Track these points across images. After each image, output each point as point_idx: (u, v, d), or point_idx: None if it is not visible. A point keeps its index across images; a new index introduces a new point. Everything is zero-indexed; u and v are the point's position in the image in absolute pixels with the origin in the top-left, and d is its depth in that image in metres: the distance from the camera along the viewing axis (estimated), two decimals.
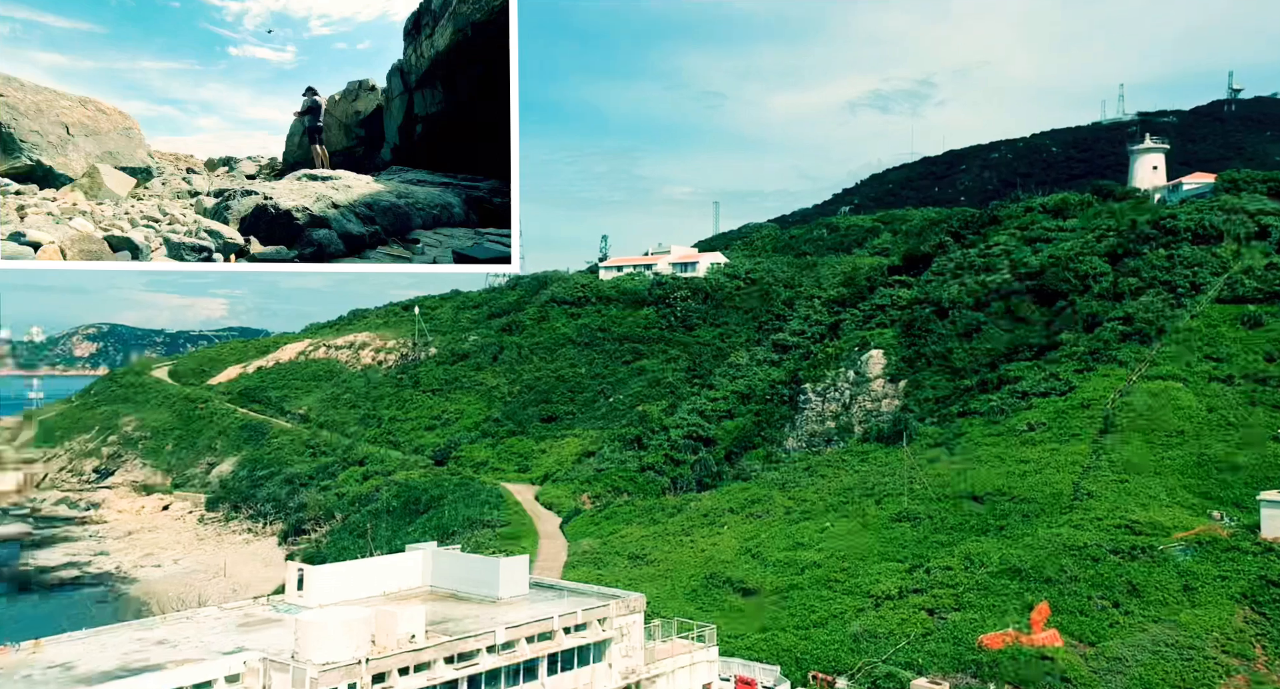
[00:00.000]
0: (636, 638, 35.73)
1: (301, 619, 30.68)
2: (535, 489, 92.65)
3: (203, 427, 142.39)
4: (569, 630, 33.35)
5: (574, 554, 67.79)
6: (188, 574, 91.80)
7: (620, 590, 38.41)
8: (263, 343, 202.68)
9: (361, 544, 74.63)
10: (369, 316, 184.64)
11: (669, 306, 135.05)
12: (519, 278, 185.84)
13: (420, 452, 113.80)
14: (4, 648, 34.90)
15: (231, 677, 30.33)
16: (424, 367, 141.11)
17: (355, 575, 38.79)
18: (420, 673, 29.73)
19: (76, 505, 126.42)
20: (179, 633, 36.30)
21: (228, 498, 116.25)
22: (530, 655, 32.06)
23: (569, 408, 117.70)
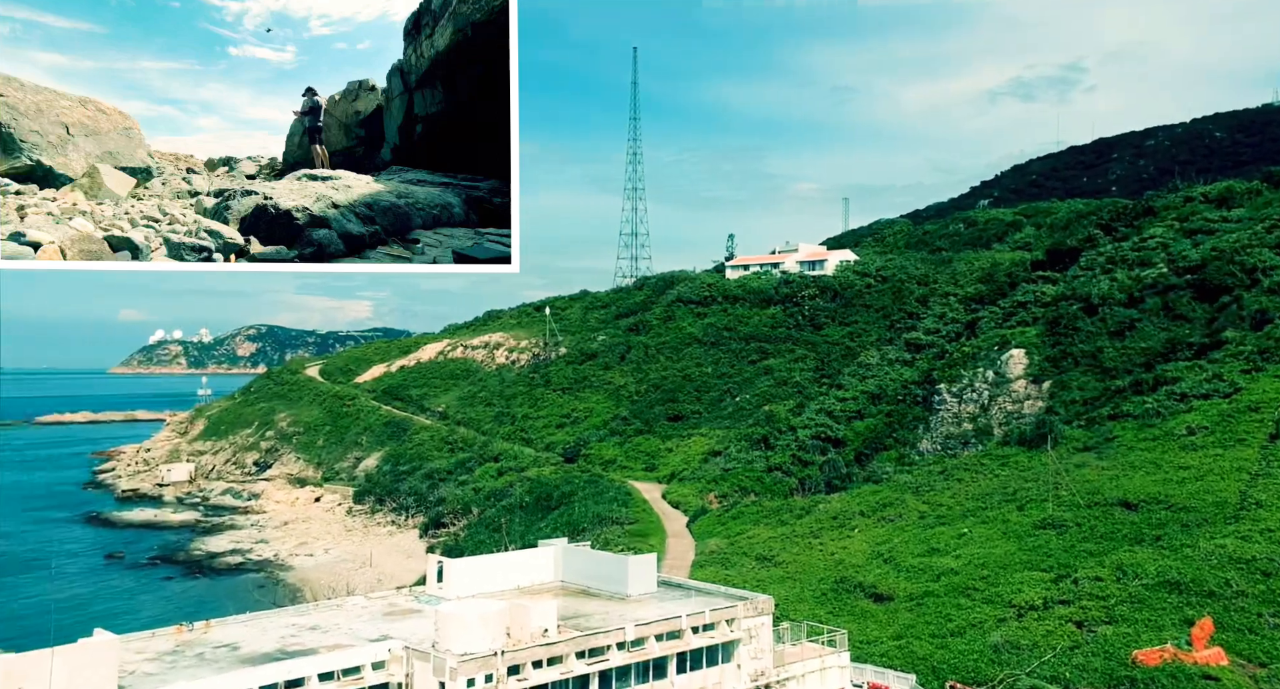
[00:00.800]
0: (765, 640, 35.44)
1: (441, 610, 31.96)
2: (662, 488, 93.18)
3: (350, 423, 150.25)
4: (697, 630, 33.41)
5: (701, 554, 67.80)
6: (337, 563, 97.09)
7: (748, 592, 38.18)
8: (405, 343, 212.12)
9: (497, 538, 77.02)
10: (503, 317, 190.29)
11: (796, 305, 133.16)
12: (645, 278, 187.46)
13: (551, 449, 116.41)
14: (180, 627, 37.95)
15: (378, 664, 31.87)
16: (554, 366, 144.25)
17: (491, 569, 40.06)
18: (553, 666, 30.42)
19: (240, 496, 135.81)
20: (330, 620, 38.45)
21: (373, 491, 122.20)
22: (659, 654, 32.29)
23: (695, 407, 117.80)
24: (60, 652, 29.00)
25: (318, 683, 31.25)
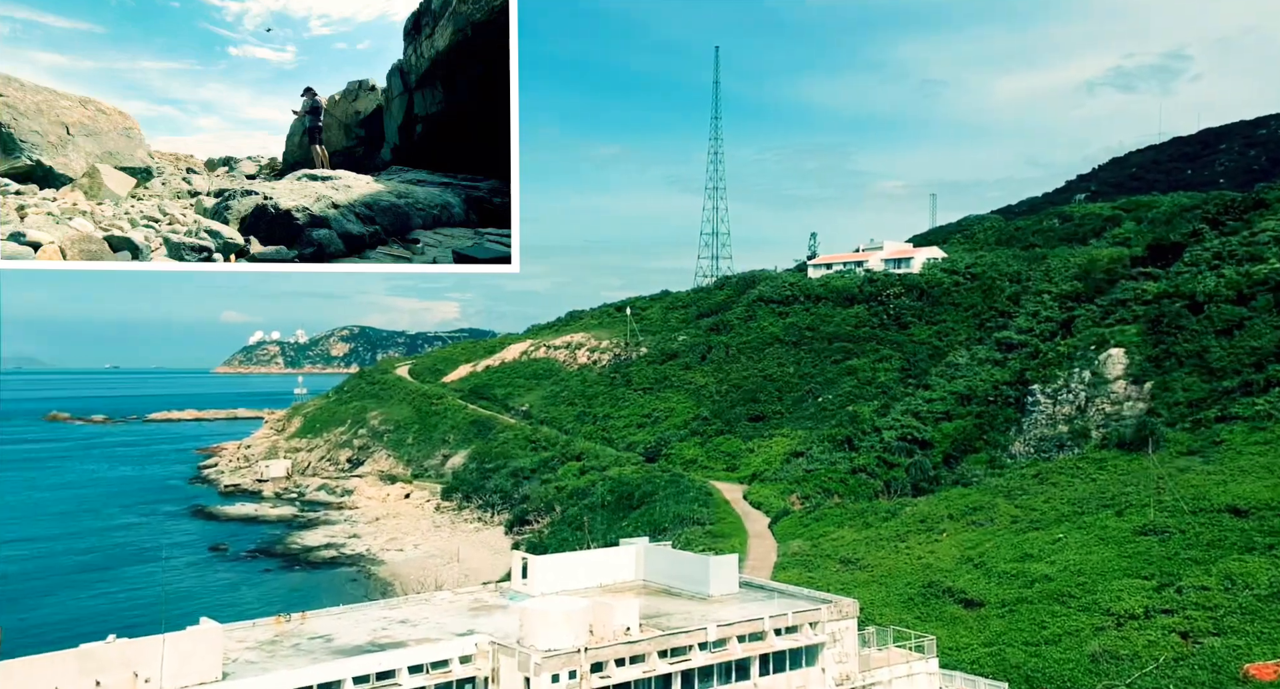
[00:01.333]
0: (850, 644, 34.92)
1: (526, 607, 32.48)
2: (743, 488, 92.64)
3: (438, 422, 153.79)
4: (780, 632, 33.13)
5: (783, 555, 67.17)
6: (426, 558, 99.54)
7: (832, 594, 37.68)
8: (490, 343, 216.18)
9: (579, 536, 77.79)
10: (584, 318, 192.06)
11: (881, 304, 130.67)
12: (726, 277, 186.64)
13: (632, 448, 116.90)
14: (279, 618, 39.52)
15: (465, 657, 32.57)
16: (635, 366, 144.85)
17: (574, 566, 40.50)
18: (635, 665, 30.59)
19: (334, 492, 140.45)
20: (419, 613, 39.47)
21: (460, 488, 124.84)
22: (742, 655, 32.15)
23: (777, 407, 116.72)
24: (170, 638, 30.54)
25: (407, 675, 32.12)
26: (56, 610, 79.41)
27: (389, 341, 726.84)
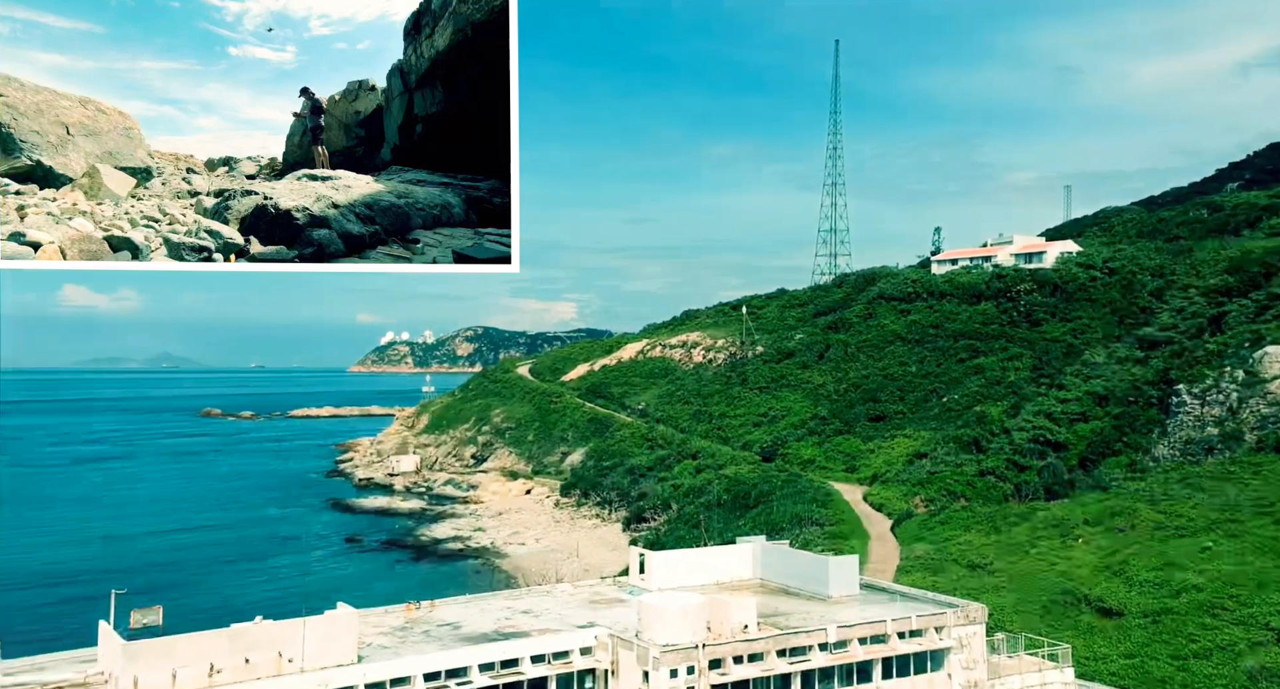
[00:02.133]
0: (978, 650, 33.72)
1: (644, 601, 32.80)
2: (863, 489, 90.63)
3: (557, 420, 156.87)
4: (904, 635, 32.31)
5: (907, 558, 65.39)
6: (547, 552, 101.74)
7: (959, 599, 36.46)
8: (607, 343, 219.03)
9: (696, 534, 77.87)
10: (700, 317, 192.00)
11: (1011, 301, 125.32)
12: (845, 275, 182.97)
13: (748, 448, 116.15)
14: (409, 605, 41.27)
15: (585, 649, 33.16)
16: (751, 364, 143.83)
17: (691, 563, 40.61)
18: (754, 663, 30.44)
19: (460, 486, 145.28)
20: (540, 605, 40.43)
21: (578, 485, 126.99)
22: (864, 657, 31.53)
23: (899, 407, 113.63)
24: (310, 621, 32.33)
25: (530, 664, 32.97)
26: (210, 592, 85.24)
27: (510, 342, 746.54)
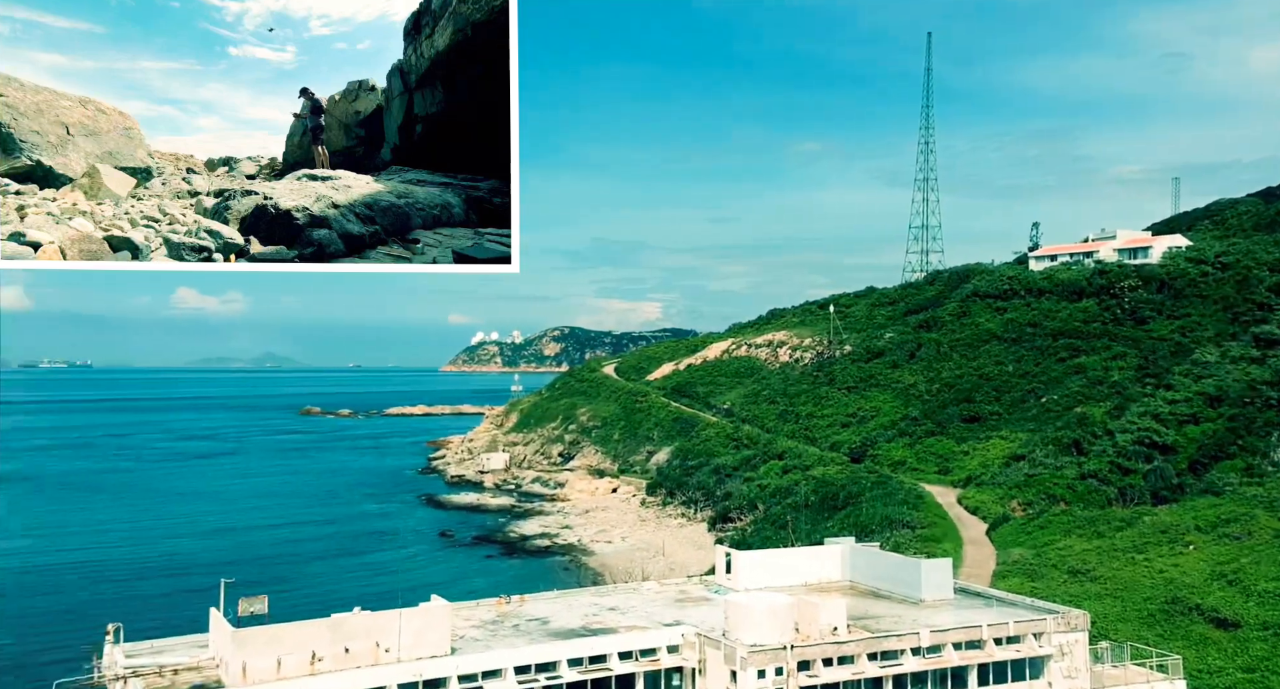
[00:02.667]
0: (1081, 658, 32.50)
1: (731, 601, 32.70)
2: (957, 492, 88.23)
3: (642, 419, 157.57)
4: (1000, 641, 31.39)
5: (1003, 563, 63.41)
6: (633, 550, 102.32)
7: (1059, 605, 35.19)
8: (691, 342, 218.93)
9: (783, 535, 77.13)
10: (786, 316, 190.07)
11: (1114, 297, 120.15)
12: (937, 272, 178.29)
13: (836, 448, 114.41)
14: (500, 600, 42.12)
15: (672, 647, 33.26)
16: (839, 364, 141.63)
17: (778, 563, 40.30)
18: (844, 666, 30.03)
19: (548, 484, 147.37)
20: (627, 602, 40.71)
21: (664, 484, 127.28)
22: (958, 662, 30.75)
23: (994, 408, 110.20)
24: (406, 613, 33.34)
25: (618, 661, 33.25)
26: (312, 583, 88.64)
27: (596, 341, 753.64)
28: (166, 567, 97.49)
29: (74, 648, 37.72)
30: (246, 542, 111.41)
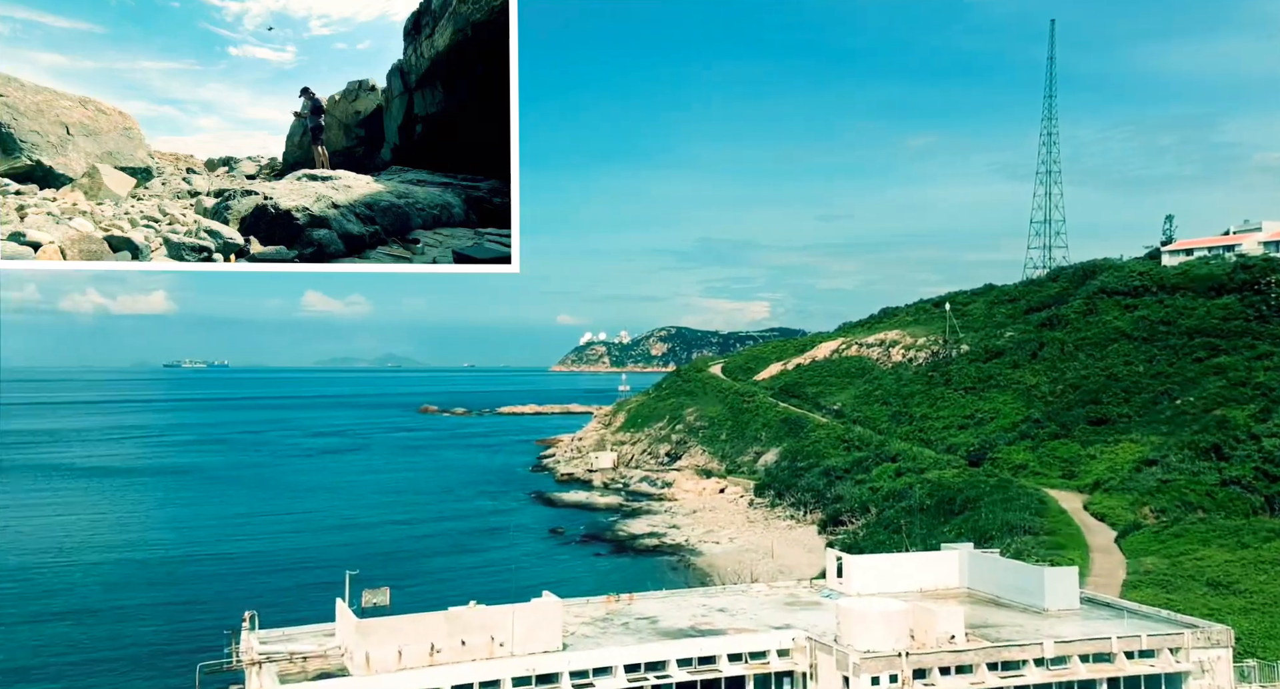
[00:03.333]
0: (1224, 676, 30.51)
1: (843, 605, 32.12)
2: (1083, 498, 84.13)
3: (750, 419, 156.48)
4: (1132, 655, 29.77)
5: (1134, 573, 60.09)
6: (741, 552, 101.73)
7: (1198, 619, 33.12)
8: (800, 342, 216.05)
9: (897, 539, 75.25)
10: (899, 315, 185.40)
11: (1259, 293, 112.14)
12: (1061, 268, 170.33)
13: (953, 451, 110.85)
14: (609, 597, 42.63)
15: (782, 651, 32.93)
16: (955, 364, 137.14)
17: (892, 568, 39.36)
18: (962, 675, 29.10)
19: (655, 483, 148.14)
20: (735, 604, 40.53)
21: (772, 485, 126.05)
22: (1085, 676, 29.34)
23: (1123, 410, 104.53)
24: (519, 608, 34.13)
25: (727, 663, 33.14)
26: (429, 576, 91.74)
27: (703, 341, 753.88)
28: (296, 557, 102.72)
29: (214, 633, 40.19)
30: (369, 535, 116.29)
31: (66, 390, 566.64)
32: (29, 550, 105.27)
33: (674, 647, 33.58)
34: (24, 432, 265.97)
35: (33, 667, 65.53)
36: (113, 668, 65.41)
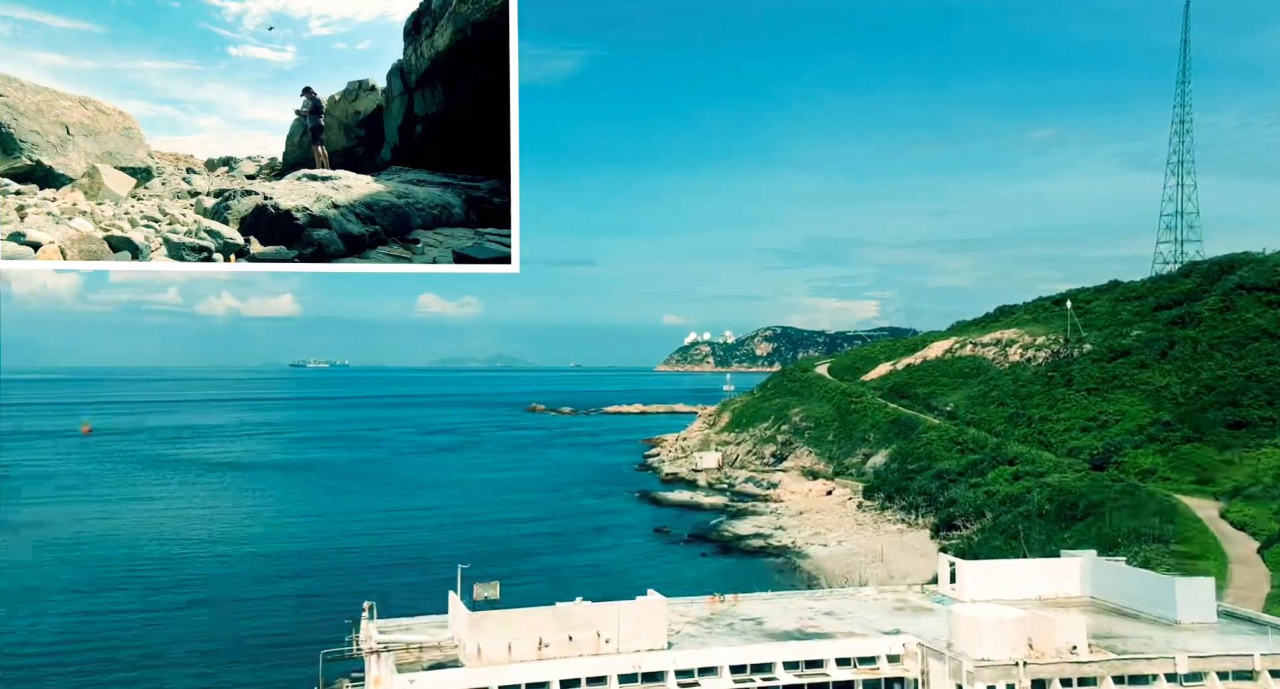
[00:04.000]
0: None
1: (956, 611, 31.17)
2: (1219, 505, 79.12)
3: (858, 420, 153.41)
4: (1277, 674, 27.84)
5: (1279, 586, 56.16)
6: (849, 555, 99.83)
7: None
8: (910, 341, 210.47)
9: (1014, 545, 72.48)
10: (1016, 313, 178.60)
11: None
12: (1194, 263, 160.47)
13: (1075, 454, 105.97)
14: (713, 598, 42.58)
15: (893, 656, 32.23)
16: (1078, 364, 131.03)
17: (1008, 575, 37.99)
18: (1085, 687, 27.84)
19: (760, 484, 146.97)
20: (843, 607, 39.86)
21: (882, 488, 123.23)
22: None
23: (1265, 413, 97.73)
24: (624, 606, 34.47)
25: (835, 667, 32.64)
26: (536, 572, 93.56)
27: (809, 341, 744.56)
28: (410, 551, 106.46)
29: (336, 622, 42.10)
30: (480, 530, 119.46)
31: (203, 389, 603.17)
32: (170, 541, 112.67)
33: (781, 649, 33.29)
34: (167, 428, 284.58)
35: (168, 653, 69.96)
36: (243, 655, 69.27)
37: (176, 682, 64.04)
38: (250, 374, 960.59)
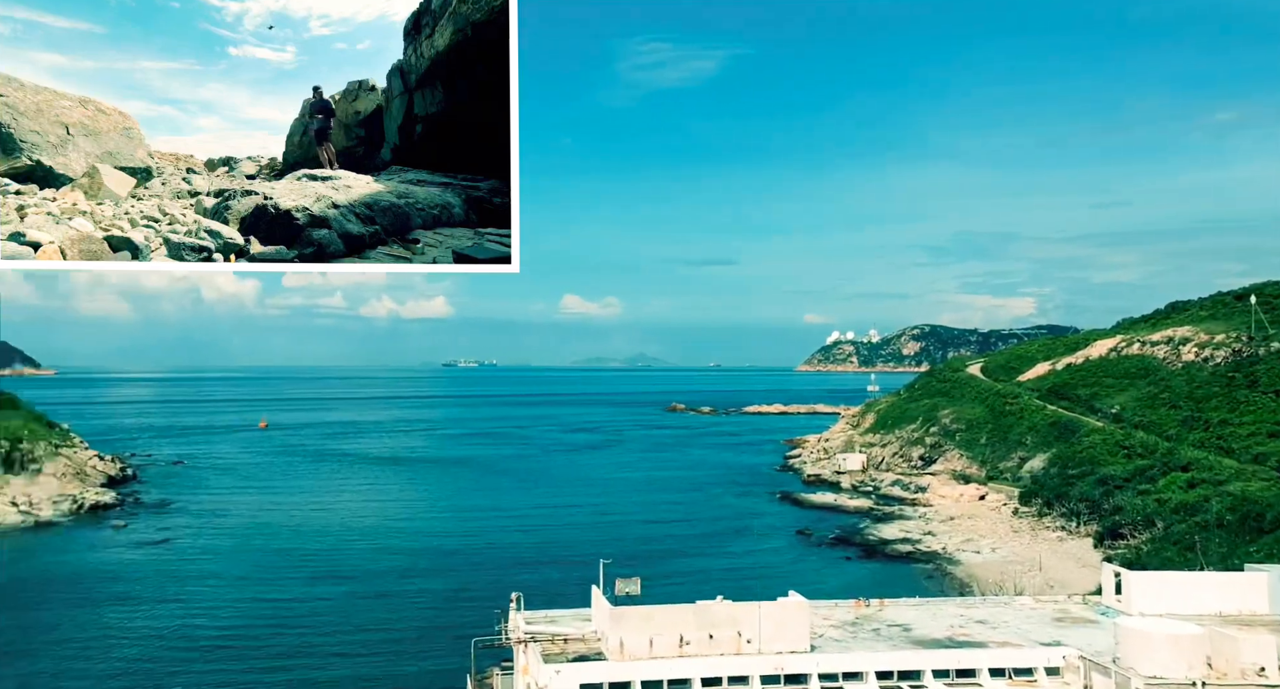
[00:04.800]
0: None
1: (1124, 625, 29.26)
2: None
3: (1013, 422, 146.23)
4: None
5: None
6: (1004, 563, 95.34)
7: None
8: (1071, 340, 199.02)
9: (1189, 557, 67.27)
10: (1190, 309, 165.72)
11: None
12: None
13: (1261, 461, 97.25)
14: (859, 602, 41.62)
15: (1051, 669, 30.64)
16: (1264, 363, 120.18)
17: (1183, 588, 35.32)
18: None
19: (907, 487, 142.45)
20: (997, 616, 38.15)
21: (1040, 493, 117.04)
22: None
23: None
24: (765, 607, 34.20)
25: (988, 677, 31.31)
26: (677, 569, 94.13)
27: (960, 340, 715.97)
28: (555, 546, 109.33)
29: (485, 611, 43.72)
30: (622, 528, 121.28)
31: (365, 387, 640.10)
32: (333, 533, 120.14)
33: (930, 656, 32.19)
34: (334, 424, 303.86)
35: (326, 644, 74.22)
36: (399, 644, 72.91)
37: (337, 669, 67.96)
38: (407, 373, 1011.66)
